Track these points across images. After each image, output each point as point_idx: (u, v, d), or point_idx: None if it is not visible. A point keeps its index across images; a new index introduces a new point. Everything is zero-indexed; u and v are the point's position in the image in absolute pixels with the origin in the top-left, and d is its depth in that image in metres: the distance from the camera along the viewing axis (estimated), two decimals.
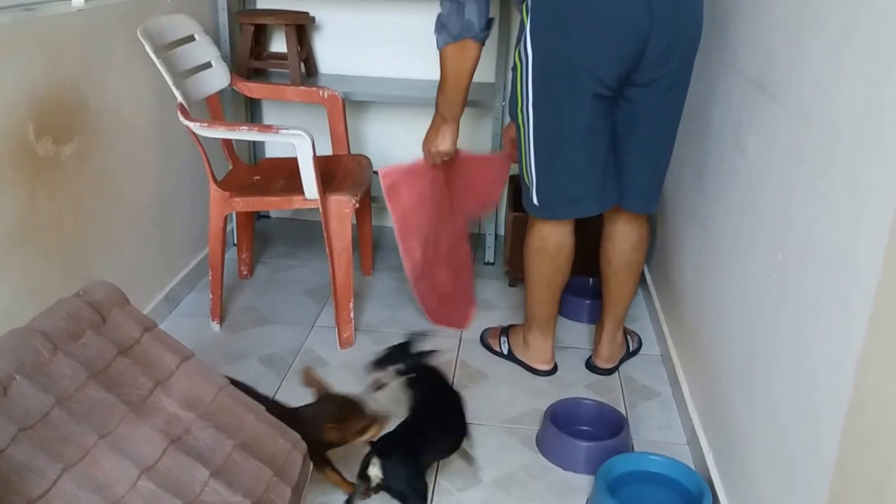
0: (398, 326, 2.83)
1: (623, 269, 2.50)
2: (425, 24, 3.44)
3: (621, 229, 2.45)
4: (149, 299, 2.75)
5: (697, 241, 2.43)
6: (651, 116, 2.20)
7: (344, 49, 3.38)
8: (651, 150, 2.28)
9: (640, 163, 2.29)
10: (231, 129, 2.48)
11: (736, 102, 2.09)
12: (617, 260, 2.49)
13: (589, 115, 2.14)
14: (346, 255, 2.61)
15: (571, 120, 2.15)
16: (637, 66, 2.08)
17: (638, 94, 2.15)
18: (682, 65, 2.14)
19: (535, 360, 2.62)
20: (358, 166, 2.88)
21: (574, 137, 2.18)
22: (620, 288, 2.54)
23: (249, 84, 2.92)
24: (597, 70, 2.06)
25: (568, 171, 2.24)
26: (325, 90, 2.91)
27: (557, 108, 2.15)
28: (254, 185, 2.76)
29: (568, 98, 2.12)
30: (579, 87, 2.09)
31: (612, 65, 2.06)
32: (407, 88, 3.25)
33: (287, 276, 3.20)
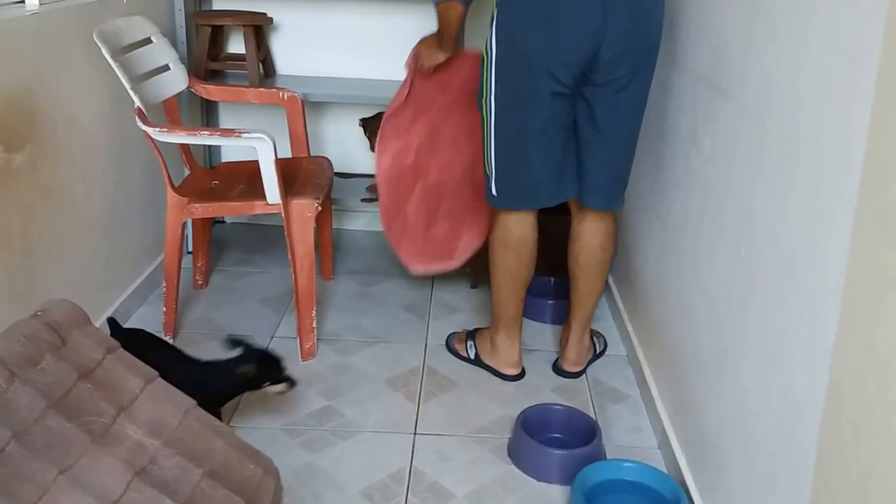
0: (361, 334, 2.74)
1: (591, 268, 2.46)
2: (382, 25, 3.39)
3: (588, 227, 2.41)
4: (98, 315, 2.61)
5: (657, 240, 2.40)
6: (608, 116, 2.20)
7: (302, 50, 3.28)
8: (609, 148, 2.26)
9: (599, 161, 2.28)
10: (191, 133, 2.37)
11: (690, 101, 2.09)
12: (584, 258, 2.45)
13: (547, 111, 2.16)
14: (308, 260, 2.52)
15: (530, 115, 2.17)
16: (593, 67, 2.09)
17: (595, 93, 2.16)
18: (637, 67, 2.14)
19: (503, 365, 2.55)
20: (319, 168, 2.79)
21: (532, 132, 2.19)
22: (588, 287, 2.49)
23: (208, 86, 2.80)
24: (553, 69, 2.09)
25: (525, 164, 2.25)
26: (284, 91, 2.81)
27: (517, 102, 2.18)
28: (212, 191, 2.65)
29: (527, 94, 2.15)
30: (538, 85, 2.12)
31: (568, 65, 2.08)
32: (365, 89, 3.16)
33: (244, 284, 3.08)
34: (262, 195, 2.43)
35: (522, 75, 2.14)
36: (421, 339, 2.76)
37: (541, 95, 2.13)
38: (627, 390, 2.53)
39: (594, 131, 2.22)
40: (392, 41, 3.24)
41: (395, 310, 2.93)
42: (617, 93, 2.15)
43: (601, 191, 2.33)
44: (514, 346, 2.54)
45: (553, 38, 2.06)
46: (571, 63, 2.08)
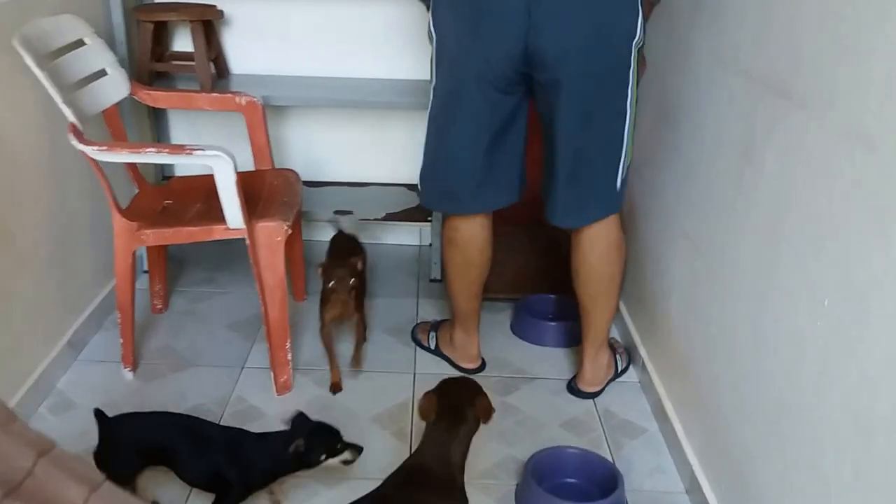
0: (342, 363, 2.41)
1: (593, 283, 2.20)
2: (349, 17, 3.04)
3: (586, 238, 2.15)
4: (50, 347, 2.28)
5: (685, 262, 2.09)
6: (566, 122, 1.95)
7: (257, 46, 2.91)
8: (571, 158, 1.99)
9: (561, 172, 2.02)
10: (135, 151, 2.01)
11: (744, 108, 1.74)
12: (585, 272, 2.19)
13: (472, 106, 1.98)
14: (280, 290, 2.19)
15: (455, 107, 2.00)
16: (530, 65, 1.89)
17: (545, 94, 1.95)
18: (590, 69, 1.89)
19: (461, 359, 2.44)
20: (285, 183, 2.45)
21: (455, 126, 2.03)
22: (592, 303, 2.23)
23: (153, 92, 2.44)
24: (477, 64, 1.92)
25: (444, 160, 2.10)
26: (242, 96, 2.46)
27: (444, 92, 2.03)
28: (165, 212, 2.29)
29: (454, 85, 1.99)
30: (464, 76, 1.95)
31: (492, 61, 1.90)
32: (331, 89, 2.82)
33: (208, 306, 2.74)
34: (221, 216, 2.09)
35: (449, 64, 1.97)
36: (409, 367, 2.45)
37: (467, 88, 1.95)
38: (644, 423, 2.24)
39: (554, 139, 1.99)
40: (360, 34, 2.91)
41: (378, 334, 2.61)
42: (573, 96, 1.91)
43: (565, 205, 2.07)
44: (472, 342, 2.43)
45: (477, 30, 1.88)
46: (498, 58, 1.89)
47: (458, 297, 2.34)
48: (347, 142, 3.06)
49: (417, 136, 3.03)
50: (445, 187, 2.13)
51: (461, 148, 2.04)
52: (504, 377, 2.43)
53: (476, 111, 1.97)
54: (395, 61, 2.94)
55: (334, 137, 3.04)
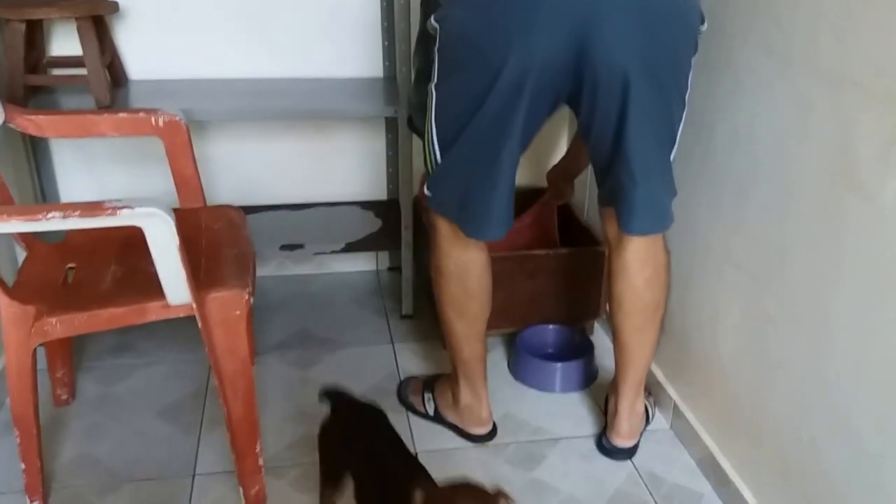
0: None
1: (638, 312, 1.74)
2: (270, 3, 2.45)
3: (631, 261, 1.69)
4: None
5: (738, 295, 1.67)
6: (633, 123, 1.48)
7: (160, 44, 2.25)
8: (642, 158, 1.52)
9: (635, 174, 1.53)
10: (32, 218, 1.35)
11: (839, 121, 1.31)
12: (630, 299, 1.73)
13: (510, 118, 1.48)
14: (244, 380, 1.60)
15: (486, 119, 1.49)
16: (584, 65, 1.42)
17: (600, 96, 1.47)
18: (657, 63, 1.45)
19: (469, 423, 1.92)
20: (227, 226, 1.84)
21: (489, 141, 1.52)
22: (636, 337, 1.77)
23: (36, 117, 1.76)
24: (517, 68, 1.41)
25: (475, 178, 1.57)
26: (159, 114, 1.81)
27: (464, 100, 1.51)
28: (72, 287, 1.65)
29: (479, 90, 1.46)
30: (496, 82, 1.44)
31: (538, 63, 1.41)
32: (262, 95, 2.20)
33: (128, 387, 2.08)
34: (153, 286, 1.49)
35: (469, 70, 1.47)
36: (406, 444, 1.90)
37: (494, 98, 1.45)
38: (696, 485, 1.80)
39: (609, 140, 1.53)
40: (290, 24, 2.30)
41: None
42: (637, 92, 1.44)
43: (638, 208, 1.57)
44: (481, 400, 1.91)
45: (514, 28, 1.39)
46: (540, 59, 1.41)
47: (458, 343, 1.83)
48: (282, 156, 2.45)
49: (368, 144, 2.50)
50: (471, 207, 1.60)
51: (499, 167, 1.54)
52: (522, 442, 1.92)
53: (514, 123, 1.49)
54: (338, 57, 2.36)
55: (265, 152, 2.43)
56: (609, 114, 1.47)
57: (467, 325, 1.79)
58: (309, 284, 2.60)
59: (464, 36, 1.45)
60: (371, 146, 2.48)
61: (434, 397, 1.97)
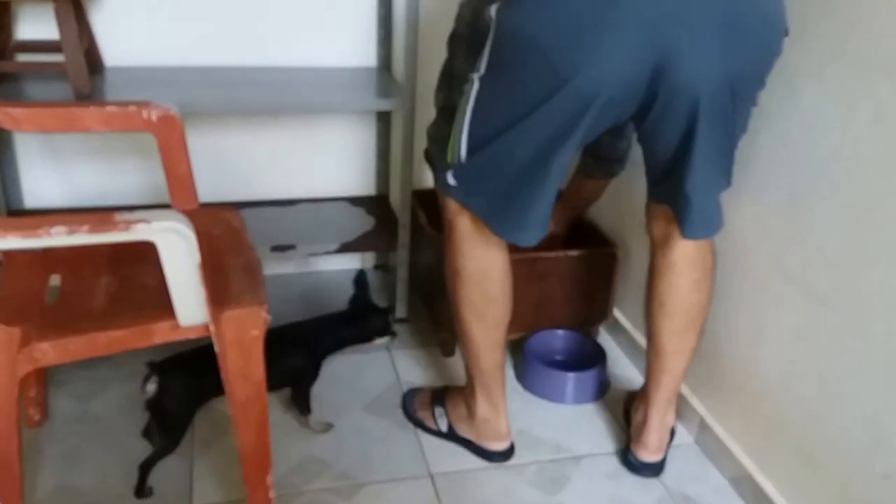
0: (331, 476, 1.67)
1: (681, 316, 1.61)
2: None
3: (679, 260, 1.56)
4: None
5: (791, 311, 1.55)
6: (703, 135, 1.34)
7: (137, 28, 2.02)
8: (706, 164, 1.38)
9: (697, 180, 1.39)
10: (32, 234, 1.13)
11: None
12: (673, 302, 1.59)
13: (572, 128, 1.32)
14: (258, 405, 1.41)
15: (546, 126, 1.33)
16: (660, 79, 1.28)
17: (670, 109, 1.33)
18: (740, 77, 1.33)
19: (486, 438, 1.76)
20: (227, 232, 1.64)
21: (543, 147, 1.35)
22: (676, 342, 1.63)
23: (12, 109, 1.53)
24: (588, 77, 1.26)
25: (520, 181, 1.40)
26: (151, 108, 1.60)
27: (520, 101, 1.34)
28: (61, 303, 1.43)
29: (539, 95, 1.30)
30: (562, 89, 1.28)
31: (612, 75, 1.26)
32: (243, 84, 2.00)
33: (105, 403, 1.86)
34: (155, 300, 1.30)
35: (532, 72, 1.30)
36: (419, 465, 1.73)
37: (557, 107, 1.29)
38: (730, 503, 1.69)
39: (674, 147, 1.39)
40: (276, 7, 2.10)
41: (358, 418, 1.86)
42: (711, 105, 1.31)
43: (697, 213, 1.43)
44: (499, 413, 1.75)
45: (590, 36, 1.23)
46: (615, 71, 1.25)
47: (476, 352, 1.66)
48: (265, 149, 2.25)
49: (357, 137, 2.30)
50: (510, 206, 1.43)
51: (547, 173, 1.38)
52: (543, 462, 1.78)
53: (572, 136, 1.33)
54: (327, 45, 2.17)
55: (246, 144, 2.22)
56: (678, 127, 1.33)
57: (487, 331, 1.64)
58: (292, 286, 2.40)
59: (529, 36, 1.27)
60: (360, 139, 2.29)
61: (446, 412, 1.81)
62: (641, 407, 1.75)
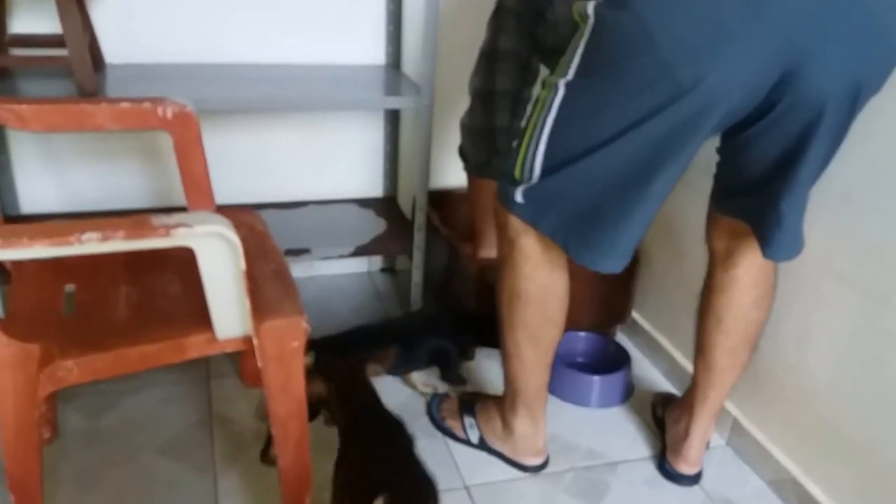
0: None
1: (738, 333, 1.52)
2: None
3: (742, 278, 1.46)
4: None
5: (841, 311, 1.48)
6: (814, 154, 1.23)
7: (137, 23, 1.88)
8: (804, 186, 1.28)
9: (793, 202, 1.28)
10: (61, 241, 1.00)
11: None
12: (732, 318, 1.50)
13: (684, 143, 1.18)
14: (298, 423, 1.30)
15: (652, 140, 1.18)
16: (782, 89, 1.15)
17: (786, 123, 1.20)
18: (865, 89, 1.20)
19: (523, 453, 1.66)
20: (252, 235, 1.52)
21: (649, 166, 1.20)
22: (729, 358, 1.54)
23: (18, 107, 1.39)
24: (714, 86, 1.11)
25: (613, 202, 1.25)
26: (167, 105, 1.47)
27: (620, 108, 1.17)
28: (79, 315, 1.30)
29: (648, 105, 1.14)
30: (681, 100, 1.13)
31: (738, 82, 1.12)
32: (248, 81, 1.88)
33: (119, 418, 1.72)
34: (181, 313, 1.19)
35: (646, 79, 1.14)
36: (453, 476, 1.63)
37: (671, 118, 1.15)
38: None
39: (776, 166, 1.27)
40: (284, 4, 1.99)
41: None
42: (831, 121, 1.19)
43: (787, 237, 1.32)
44: (540, 429, 1.65)
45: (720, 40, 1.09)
46: (742, 77, 1.12)
47: (525, 372, 1.55)
48: (270, 149, 2.12)
49: (364, 137, 2.19)
50: (595, 231, 1.28)
51: (648, 195, 1.23)
52: (579, 469, 1.69)
53: (685, 150, 1.20)
54: (334, 42, 2.06)
55: (251, 144, 2.10)
56: (788, 138, 1.20)
57: (541, 353, 1.53)
58: None
59: (647, 37, 1.10)
60: (367, 139, 2.18)
61: (477, 424, 1.71)
62: (683, 419, 1.66)
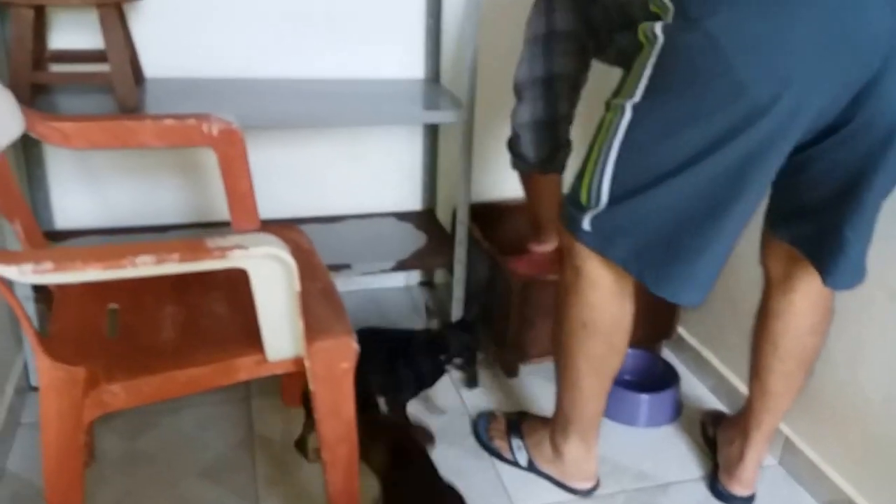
0: None
1: (794, 358, 1.46)
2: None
3: (800, 303, 1.40)
4: None
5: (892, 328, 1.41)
6: (881, 181, 1.17)
7: (178, 38, 1.85)
8: (870, 214, 1.23)
9: (858, 231, 1.23)
10: (115, 264, 0.95)
11: None
12: (788, 344, 1.44)
13: (763, 166, 1.13)
14: (347, 447, 1.25)
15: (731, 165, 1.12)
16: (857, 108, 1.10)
17: (856, 146, 1.15)
18: None
19: (574, 477, 1.60)
20: (298, 252, 1.46)
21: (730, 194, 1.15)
22: (784, 383, 1.49)
23: (61, 124, 1.36)
24: (791, 104, 1.05)
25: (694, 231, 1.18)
26: (212, 122, 1.44)
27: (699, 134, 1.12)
28: (124, 336, 1.27)
29: (726, 126, 1.09)
30: (759, 120, 1.07)
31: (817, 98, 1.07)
32: (288, 96, 1.84)
33: (156, 440, 1.68)
34: (229, 334, 1.14)
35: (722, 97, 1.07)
36: (501, 500, 1.57)
37: (750, 140, 1.09)
38: None
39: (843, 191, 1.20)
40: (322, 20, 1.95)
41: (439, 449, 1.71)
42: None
43: (849, 266, 1.26)
44: (592, 454, 1.59)
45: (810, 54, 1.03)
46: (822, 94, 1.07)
47: (584, 400, 1.49)
48: (308, 163, 2.09)
49: (403, 150, 2.14)
50: (671, 262, 1.21)
51: (724, 225, 1.17)
52: (630, 491, 1.63)
53: (760, 176, 1.14)
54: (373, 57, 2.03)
55: (288, 158, 2.06)
56: (857, 159, 1.15)
57: (601, 381, 1.47)
58: None
59: (718, 56, 1.05)
60: (406, 152, 2.14)
61: (526, 446, 1.65)
62: (737, 440, 1.59)
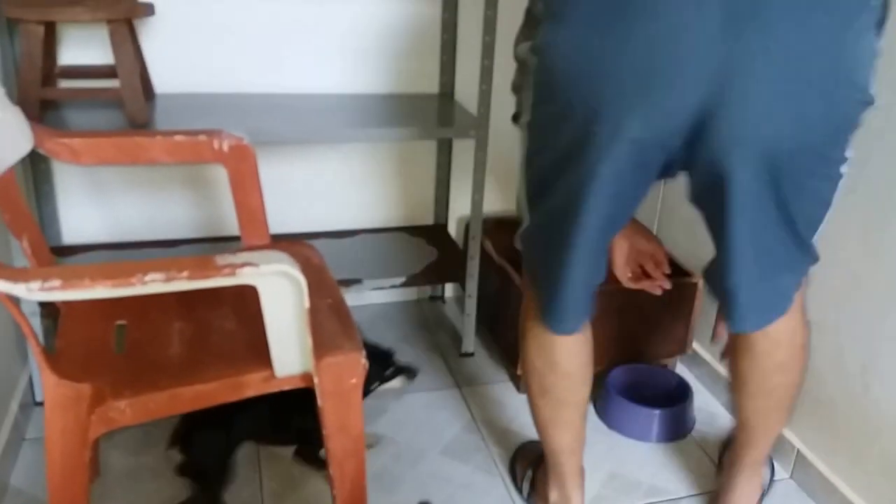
0: None
1: (764, 397, 1.38)
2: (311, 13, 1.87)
3: (763, 342, 1.30)
4: None
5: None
6: (758, 209, 1.09)
7: (188, 53, 1.85)
8: (766, 250, 1.15)
9: (750, 269, 1.16)
10: (124, 282, 0.94)
11: None
12: (756, 384, 1.36)
13: (609, 184, 1.10)
14: (355, 462, 1.24)
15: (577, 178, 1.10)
16: (708, 133, 1.02)
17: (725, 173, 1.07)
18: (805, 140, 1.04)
19: None
20: (309, 269, 1.45)
21: (577, 208, 1.12)
22: (761, 420, 1.42)
23: (70, 140, 1.35)
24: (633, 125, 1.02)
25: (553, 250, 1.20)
26: (223, 138, 1.43)
27: (558, 146, 1.12)
28: (132, 352, 1.25)
29: (575, 141, 1.07)
30: (602, 136, 1.05)
31: (658, 120, 1.02)
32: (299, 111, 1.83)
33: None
34: (237, 349, 1.13)
35: (575, 113, 1.05)
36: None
37: (594, 155, 1.06)
38: None
39: (727, 222, 1.11)
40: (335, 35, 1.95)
41: (438, 462, 1.68)
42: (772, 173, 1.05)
43: (747, 306, 1.21)
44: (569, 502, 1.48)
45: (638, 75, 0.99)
46: (661, 116, 1.02)
47: (552, 437, 1.43)
48: (317, 177, 2.08)
49: (415, 163, 2.13)
50: (544, 286, 1.24)
51: (572, 249, 1.16)
52: None
53: (595, 196, 1.10)
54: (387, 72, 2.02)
55: (297, 172, 2.06)
56: (713, 200, 1.10)
57: (570, 422, 1.42)
58: None
59: (563, 71, 1.04)
60: (417, 166, 2.13)
61: (533, 478, 1.59)
62: (730, 466, 1.53)
